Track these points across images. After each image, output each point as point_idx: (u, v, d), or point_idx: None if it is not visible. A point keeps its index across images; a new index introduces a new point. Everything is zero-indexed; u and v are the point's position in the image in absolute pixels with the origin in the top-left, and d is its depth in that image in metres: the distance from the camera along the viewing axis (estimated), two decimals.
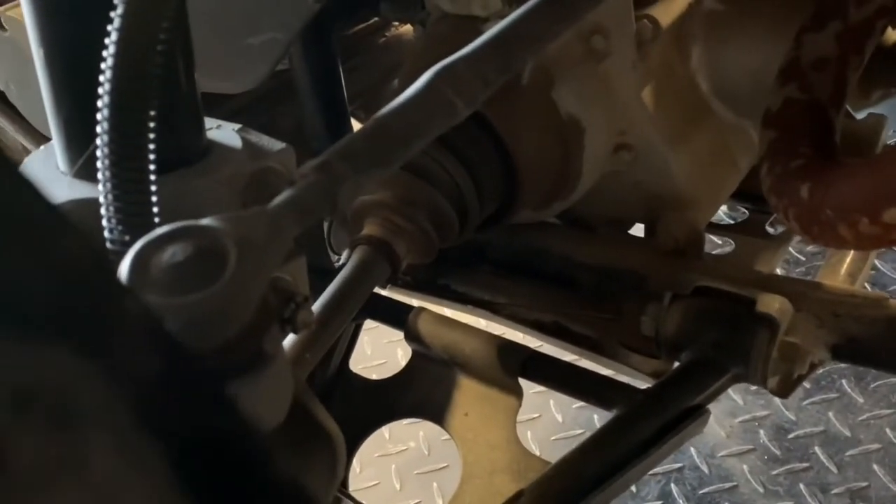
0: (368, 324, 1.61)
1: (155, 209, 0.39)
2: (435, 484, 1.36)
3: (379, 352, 1.61)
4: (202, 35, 0.60)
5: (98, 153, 0.39)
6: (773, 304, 0.69)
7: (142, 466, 0.19)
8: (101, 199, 0.39)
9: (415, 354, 0.86)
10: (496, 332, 0.83)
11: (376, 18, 1.17)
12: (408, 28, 1.19)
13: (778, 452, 1.33)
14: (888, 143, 0.84)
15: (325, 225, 0.96)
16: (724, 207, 1.25)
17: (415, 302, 0.91)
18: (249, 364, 0.33)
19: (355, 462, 1.44)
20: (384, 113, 0.38)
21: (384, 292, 0.94)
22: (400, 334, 0.86)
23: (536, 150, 0.77)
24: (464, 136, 0.74)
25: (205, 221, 0.33)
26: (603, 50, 0.76)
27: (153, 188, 0.39)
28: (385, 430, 1.48)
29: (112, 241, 0.38)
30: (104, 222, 0.39)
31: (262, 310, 0.34)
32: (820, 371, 1.46)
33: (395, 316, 0.88)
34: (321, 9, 0.68)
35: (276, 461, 0.26)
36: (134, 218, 0.38)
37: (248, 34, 0.65)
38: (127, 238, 0.37)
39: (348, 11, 0.93)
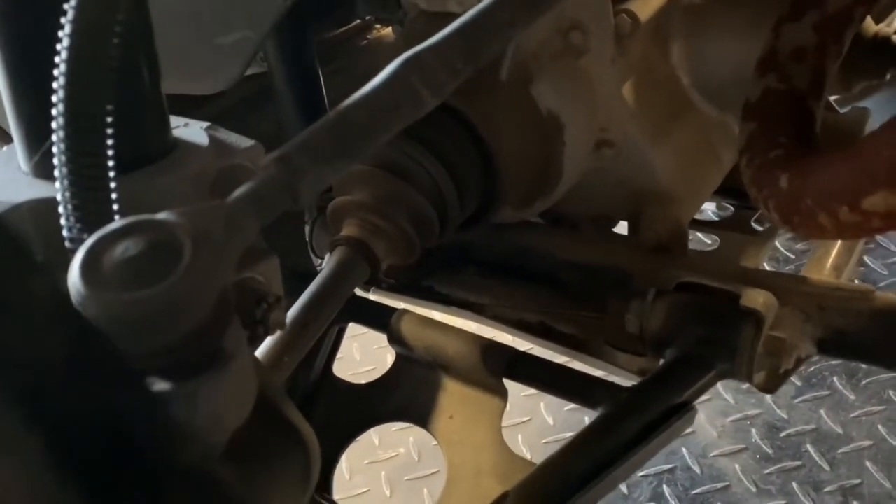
0: (357, 330, 1.61)
1: (115, 206, 0.38)
2: (425, 490, 1.35)
3: (368, 358, 1.60)
4: (173, 35, 0.59)
5: (54, 150, 0.38)
6: (757, 299, 0.68)
7: (9, 450, 0.18)
8: (59, 197, 0.38)
9: (398, 357, 0.85)
10: (483, 334, 0.82)
11: (357, 22, 1.17)
12: (389, 31, 1.18)
13: (770, 451, 1.32)
14: None
15: (307, 228, 0.95)
16: (712, 206, 1.24)
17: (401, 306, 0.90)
18: (208, 362, 0.32)
19: (344, 469, 1.43)
20: (347, 103, 0.37)
21: (368, 295, 0.93)
22: None
23: (517, 147, 0.76)
24: (443, 134, 0.74)
25: (159, 216, 0.32)
26: (581, 45, 0.75)
27: (112, 185, 0.38)
28: (374, 437, 1.47)
29: (71, 240, 0.37)
30: (62, 220, 0.38)
31: (222, 306, 0.33)
32: (811, 369, 1.46)
33: (379, 319, 0.87)
34: (297, 9, 0.67)
35: (219, 472, 0.26)
36: (92, 216, 0.37)
37: (220, 33, 0.64)
38: (85, 236, 0.36)
39: (324, 11, 0.92)
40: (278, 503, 0.39)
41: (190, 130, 0.48)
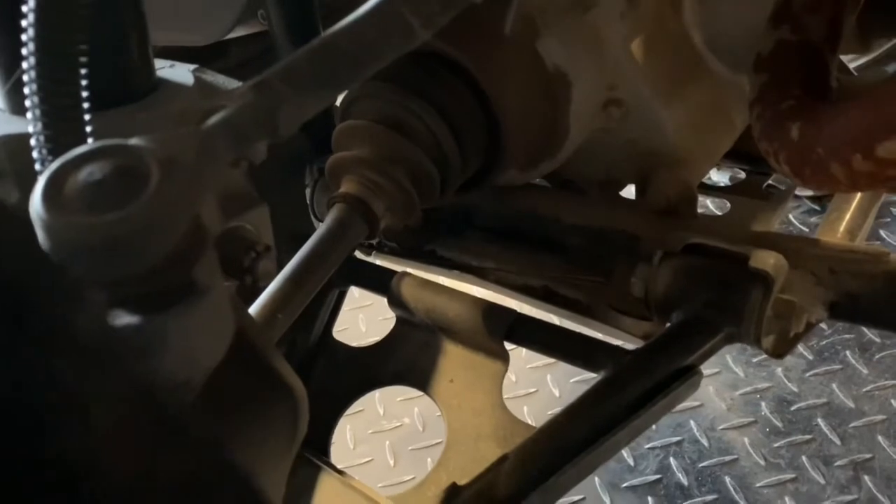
0: (364, 301, 1.60)
1: (90, 141, 0.37)
2: (429, 459, 1.34)
3: (374, 328, 1.59)
4: None
5: (25, 79, 0.36)
6: (767, 261, 0.66)
7: None
8: (31, 129, 0.36)
9: (399, 320, 0.83)
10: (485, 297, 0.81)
11: None
12: None
13: (780, 425, 1.30)
14: None
15: (308, 190, 0.93)
16: (725, 178, 1.22)
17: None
18: (178, 295, 0.30)
19: (348, 438, 1.42)
20: (333, 31, 0.36)
21: (369, 259, 0.92)
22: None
23: (521, 104, 0.74)
24: (445, 90, 0.72)
25: (128, 141, 0.31)
26: None
27: (86, 118, 0.37)
28: (379, 407, 1.46)
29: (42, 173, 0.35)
30: (34, 153, 0.36)
31: (193, 236, 0.31)
32: (823, 343, 1.43)
33: (380, 282, 0.85)
34: None
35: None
36: (64, 147, 0.35)
37: None
38: None
39: None
40: (260, 450, 0.38)
41: (175, 71, 0.47)
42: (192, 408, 0.32)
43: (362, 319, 1.63)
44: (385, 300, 0.84)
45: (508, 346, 0.76)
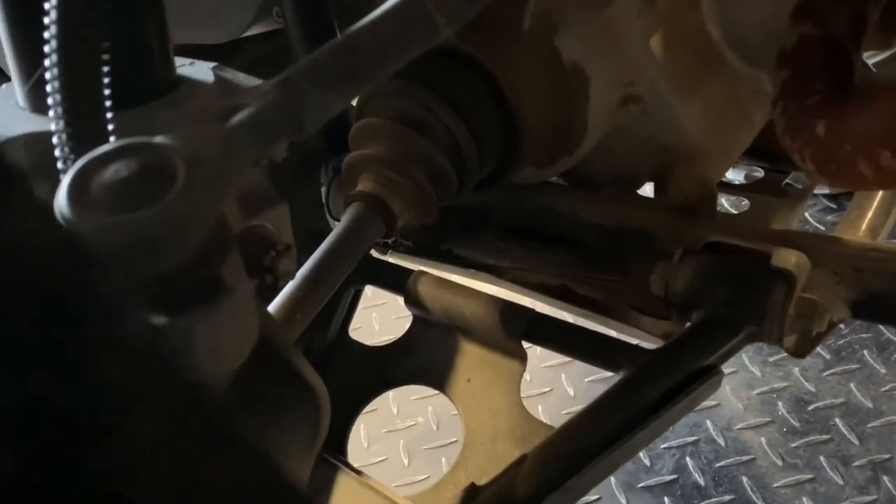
0: (377, 299, 1.59)
1: (112, 139, 0.36)
2: (444, 459, 1.33)
3: (387, 327, 1.59)
4: None
5: (47, 77, 0.36)
6: (789, 259, 0.65)
7: None
8: (53, 128, 0.36)
9: (415, 319, 0.83)
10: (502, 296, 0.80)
11: None
12: None
13: (797, 424, 1.29)
14: None
15: (324, 189, 0.93)
16: (740, 176, 1.21)
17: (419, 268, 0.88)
18: (205, 294, 0.30)
19: (362, 437, 1.42)
20: (357, 27, 0.35)
21: (386, 258, 0.91)
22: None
23: (539, 101, 0.73)
24: (462, 87, 0.71)
25: (153, 139, 0.30)
26: None
27: (108, 116, 0.36)
28: (393, 406, 1.46)
29: (65, 172, 0.35)
30: (56, 151, 0.36)
31: (219, 235, 0.31)
32: (840, 342, 1.42)
33: (396, 281, 0.85)
34: None
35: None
36: (86, 145, 0.35)
37: None
38: None
39: None
40: (284, 451, 0.38)
41: (196, 69, 0.47)
42: (221, 408, 0.32)
43: (376, 318, 1.63)
44: (399, 299, 0.84)
45: (524, 344, 0.76)
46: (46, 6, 0.36)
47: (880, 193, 0.80)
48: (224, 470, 0.19)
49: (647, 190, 0.85)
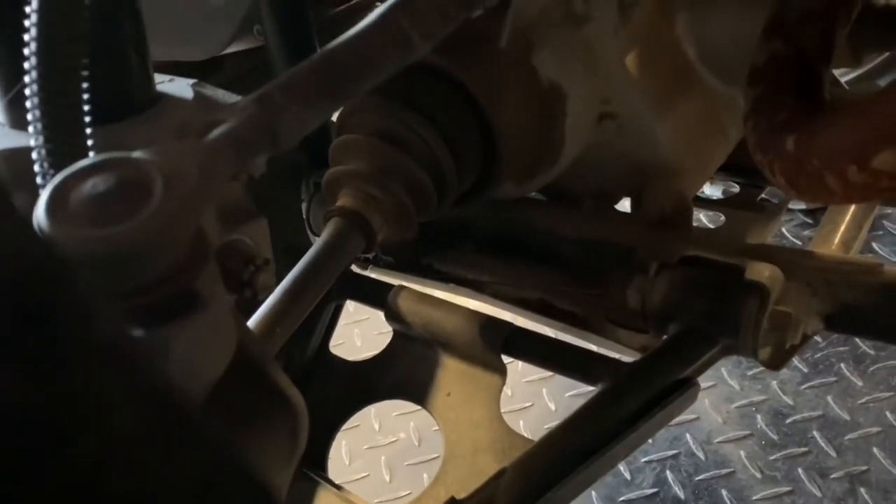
0: (360, 315, 1.60)
1: (91, 154, 0.37)
2: (425, 475, 1.33)
3: (369, 343, 1.59)
4: (164, 1, 0.57)
5: (27, 92, 0.36)
6: (762, 272, 0.66)
7: None
8: (32, 142, 0.36)
9: (396, 334, 0.83)
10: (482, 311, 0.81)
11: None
12: None
13: (776, 437, 1.30)
14: None
15: (304, 205, 0.93)
16: (718, 192, 1.23)
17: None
18: (181, 307, 0.30)
19: (344, 454, 1.41)
20: (334, 44, 0.36)
21: (366, 273, 0.92)
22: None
23: (517, 118, 0.74)
24: (441, 104, 0.72)
25: (131, 154, 0.31)
26: (583, 14, 0.73)
27: (87, 131, 0.37)
28: (375, 422, 1.46)
29: (44, 186, 0.36)
30: (36, 167, 0.36)
31: (196, 248, 0.31)
32: (818, 355, 1.44)
33: (377, 296, 0.85)
34: None
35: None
36: (65, 160, 0.35)
37: None
38: None
39: None
40: (262, 463, 0.38)
41: (175, 85, 0.47)
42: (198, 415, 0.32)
43: (358, 334, 1.62)
44: (381, 315, 0.84)
45: (505, 359, 0.76)
46: (26, 23, 0.36)
47: (853, 208, 0.82)
48: (190, 466, 0.20)
49: (626, 205, 0.86)
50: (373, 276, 0.90)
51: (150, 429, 0.19)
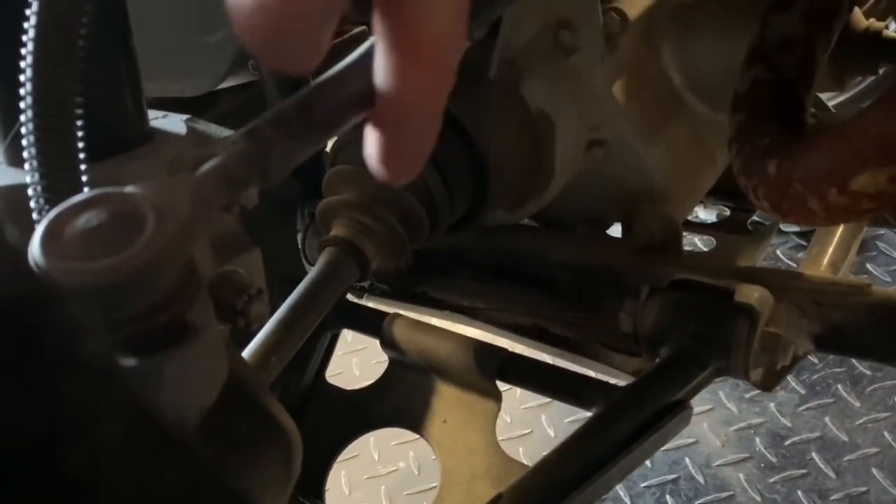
0: (357, 345, 1.60)
1: (86, 189, 0.38)
2: None
3: (368, 373, 1.58)
4: (158, 36, 0.58)
5: (23, 131, 0.37)
6: (752, 294, 0.67)
7: None
8: (28, 179, 0.37)
9: (391, 362, 0.84)
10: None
11: (354, 31, 1.17)
12: None
13: (774, 460, 1.30)
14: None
15: (300, 235, 0.94)
16: (712, 216, 1.24)
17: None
18: (173, 337, 0.31)
19: (343, 484, 1.41)
20: (322, 78, 0.37)
21: (361, 301, 0.92)
22: None
23: (506, 146, 0.75)
24: None
25: (124, 188, 0.32)
26: (570, 44, 0.75)
27: (83, 168, 0.38)
28: (374, 452, 1.45)
29: (40, 222, 0.36)
30: (32, 204, 0.37)
31: (188, 279, 0.32)
32: (815, 377, 1.44)
33: (372, 324, 0.86)
34: None
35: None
36: (60, 196, 0.36)
37: (206, 31, 0.64)
38: None
39: None
40: (255, 489, 0.38)
41: (168, 121, 0.48)
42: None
43: (356, 364, 1.63)
44: (378, 344, 0.85)
45: (503, 386, 0.77)
46: (22, 64, 0.37)
47: (840, 230, 0.83)
48: (179, 488, 0.21)
49: (617, 230, 0.87)
50: (368, 304, 0.91)
51: (137, 445, 0.19)
